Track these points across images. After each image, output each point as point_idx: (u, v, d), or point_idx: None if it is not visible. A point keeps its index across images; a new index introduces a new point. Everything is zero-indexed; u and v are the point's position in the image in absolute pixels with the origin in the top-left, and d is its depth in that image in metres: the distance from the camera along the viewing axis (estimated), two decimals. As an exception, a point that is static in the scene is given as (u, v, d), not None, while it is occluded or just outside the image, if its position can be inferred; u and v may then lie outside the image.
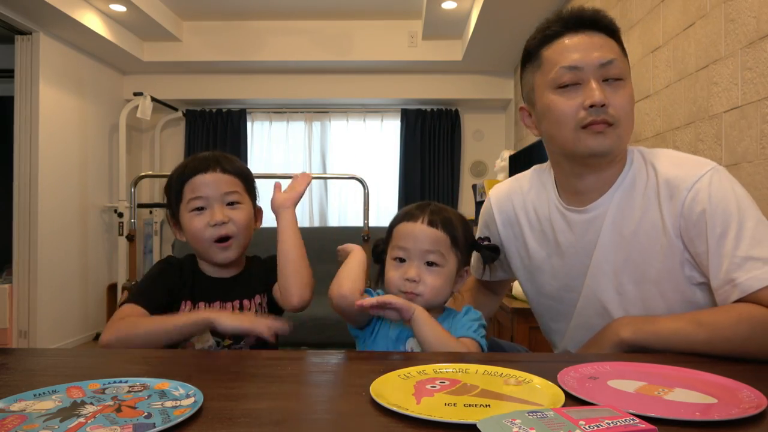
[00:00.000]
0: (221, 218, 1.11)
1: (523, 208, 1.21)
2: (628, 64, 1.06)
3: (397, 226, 1.09)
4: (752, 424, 0.61)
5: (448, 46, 5.00)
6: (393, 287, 1.05)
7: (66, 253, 4.50)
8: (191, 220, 1.12)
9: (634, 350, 0.96)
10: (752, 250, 0.93)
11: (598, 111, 0.99)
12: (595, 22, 1.04)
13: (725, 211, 0.96)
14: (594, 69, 1.00)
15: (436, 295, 1.04)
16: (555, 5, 3.62)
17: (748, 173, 1.70)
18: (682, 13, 2.09)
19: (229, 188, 1.14)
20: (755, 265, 0.92)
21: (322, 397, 0.72)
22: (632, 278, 1.05)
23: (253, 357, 0.95)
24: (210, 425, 0.61)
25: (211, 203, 1.12)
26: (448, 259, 1.05)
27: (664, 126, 2.24)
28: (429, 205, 1.09)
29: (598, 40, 1.02)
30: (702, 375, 0.77)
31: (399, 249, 1.06)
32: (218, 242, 1.12)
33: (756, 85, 1.67)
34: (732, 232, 0.94)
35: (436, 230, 1.05)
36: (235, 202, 1.15)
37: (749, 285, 0.91)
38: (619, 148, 1.04)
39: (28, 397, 0.68)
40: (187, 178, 1.14)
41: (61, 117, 4.43)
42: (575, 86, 1.02)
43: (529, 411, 0.56)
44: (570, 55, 1.02)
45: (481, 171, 5.70)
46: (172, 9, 4.76)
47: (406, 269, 1.04)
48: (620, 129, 1.02)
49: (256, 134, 5.77)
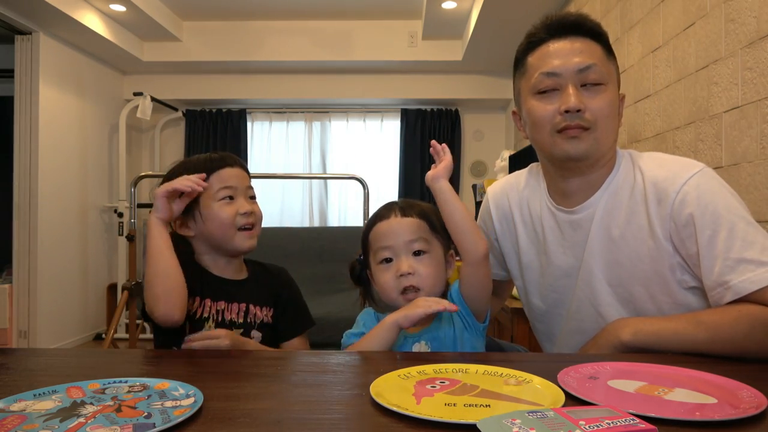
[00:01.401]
0: (250, 208, 1.17)
1: (518, 204, 1.22)
2: (612, 67, 1.06)
3: (371, 232, 1.08)
4: (752, 424, 0.61)
5: (448, 46, 5.00)
6: (389, 290, 1.04)
7: (66, 253, 4.50)
8: (221, 208, 1.15)
9: (633, 352, 0.96)
10: (744, 252, 0.93)
11: (573, 116, 1.01)
12: (578, 26, 1.05)
13: (714, 213, 0.96)
14: (572, 74, 1.02)
15: (433, 285, 1.03)
16: (555, 5, 3.62)
17: (748, 173, 1.70)
18: (682, 13, 2.09)
19: (249, 183, 1.21)
20: (748, 267, 0.92)
21: (322, 397, 0.72)
22: (621, 281, 1.05)
23: (253, 357, 0.95)
24: (210, 425, 0.61)
25: (238, 194, 1.17)
26: (433, 244, 1.05)
27: (664, 126, 2.24)
28: (396, 202, 1.11)
29: (580, 45, 1.03)
30: (702, 375, 0.77)
31: (382, 249, 1.05)
32: (244, 230, 1.16)
33: (756, 85, 1.67)
34: (723, 234, 0.95)
35: (412, 218, 1.05)
36: (254, 197, 1.22)
37: (743, 287, 0.92)
38: (597, 151, 1.04)
39: (28, 397, 0.68)
40: (215, 170, 1.17)
41: (61, 117, 4.43)
42: (554, 92, 1.04)
43: (529, 411, 0.56)
44: (550, 61, 1.04)
45: (481, 171, 5.70)
46: (172, 9, 4.76)
47: (396, 266, 1.03)
48: (597, 132, 1.02)
49: (256, 134, 5.77)
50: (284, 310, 1.21)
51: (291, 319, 1.22)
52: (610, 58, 1.06)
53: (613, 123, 1.05)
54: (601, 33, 1.06)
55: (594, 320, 1.08)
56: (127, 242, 3.83)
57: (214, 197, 1.16)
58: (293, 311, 1.23)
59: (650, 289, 1.03)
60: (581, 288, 1.10)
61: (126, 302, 3.41)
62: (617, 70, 1.08)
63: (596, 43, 1.05)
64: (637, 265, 1.03)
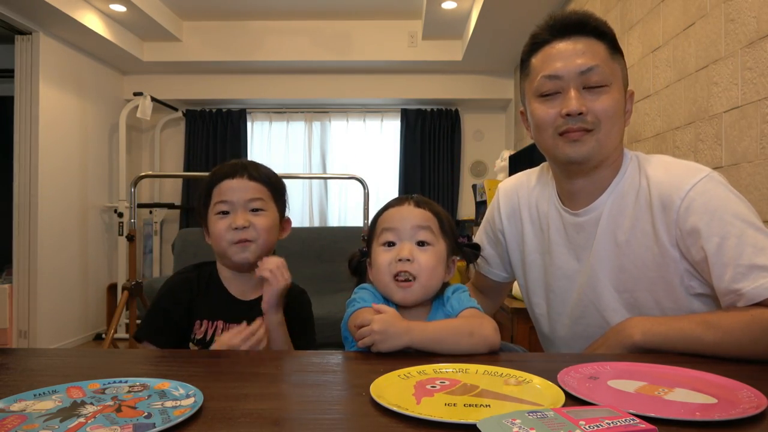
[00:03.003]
0: (242, 223, 1.13)
1: (527, 202, 1.22)
2: (617, 66, 1.05)
3: (381, 216, 1.07)
4: (752, 424, 0.61)
5: (448, 46, 5.00)
6: (383, 273, 1.01)
7: (66, 253, 4.50)
8: (216, 223, 1.15)
9: (643, 352, 0.95)
10: (756, 259, 0.91)
11: (575, 119, 1.01)
12: (582, 26, 1.03)
13: (722, 219, 0.95)
14: (574, 77, 1.01)
15: (430, 278, 1.01)
16: (555, 6, 3.62)
17: (748, 173, 1.70)
18: (682, 13, 2.09)
19: (253, 195, 1.16)
20: (761, 274, 0.91)
21: (322, 397, 0.72)
22: (627, 286, 1.05)
23: (253, 357, 0.95)
24: (210, 425, 0.61)
25: (235, 208, 1.15)
26: (439, 239, 1.04)
27: (664, 126, 2.24)
28: (412, 195, 1.10)
29: (582, 47, 1.02)
30: (702, 375, 0.77)
31: (387, 231, 1.03)
32: (237, 243, 1.14)
33: (756, 85, 1.67)
34: (732, 240, 0.93)
35: (424, 210, 1.04)
36: (258, 209, 1.17)
37: (757, 293, 0.90)
38: (600, 153, 1.04)
39: (28, 397, 0.68)
40: (215, 183, 1.17)
41: (61, 117, 4.43)
42: (557, 94, 1.03)
43: (529, 411, 0.56)
44: (552, 63, 1.03)
45: (481, 171, 5.70)
46: (172, 9, 4.75)
47: (397, 250, 1.01)
48: (600, 134, 1.02)
49: (256, 134, 5.77)
50: (289, 327, 1.18)
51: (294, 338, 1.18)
52: (615, 56, 1.05)
53: (617, 123, 1.04)
54: (606, 31, 1.05)
55: (599, 325, 1.08)
56: (127, 242, 3.82)
57: (212, 210, 1.17)
58: (298, 331, 1.20)
59: (656, 295, 1.02)
60: (586, 292, 1.10)
61: (126, 302, 3.41)
62: (623, 68, 1.07)
63: (600, 42, 1.03)
64: (643, 270, 1.03)
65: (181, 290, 1.17)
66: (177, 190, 5.71)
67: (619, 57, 1.06)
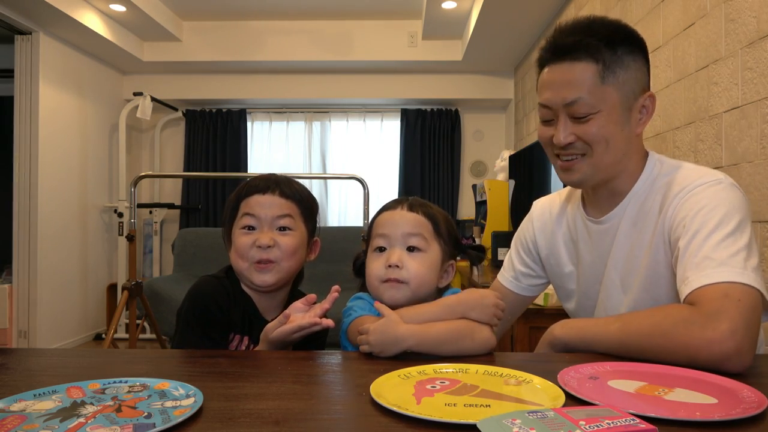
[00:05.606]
0: (266, 241, 1.08)
1: (558, 216, 1.24)
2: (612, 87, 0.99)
3: (376, 220, 1.08)
4: (752, 424, 0.61)
5: (448, 46, 5.00)
6: (374, 278, 1.02)
7: (66, 253, 4.50)
8: (239, 237, 1.10)
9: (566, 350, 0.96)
10: (714, 253, 0.89)
11: (566, 148, 1.04)
12: (576, 48, 1.00)
13: (709, 213, 0.93)
14: (561, 108, 1.02)
15: (420, 284, 1.01)
16: (555, 6, 3.62)
17: (748, 173, 1.70)
18: (682, 13, 2.09)
19: (281, 212, 1.11)
20: (709, 264, 0.88)
21: (322, 397, 0.72)
22: (640, 293, 1.05)
23: (253, 357, 0.95)
24: (210, 425, 0.61)
25: (261, 225, 1.10)
26: (431, 245, 1.04)
27: (664, 126, 2.24)
28: (407, 198, 1.10)
29: (569, 76, 1.00)
30: (702, 375, 0.77)
31: (379, 237, 1.04)
32: (258, 263, 1.09)
33: (756, 85, 1.67)
34: (705, 232, 0.92)
35: (417, 215, 1.04)
36: (286, 228, 1.11)
37: (697, 281, 0.88)
38: (595, 175, 1.05)
39: (28, 397, 0.68)
40: (244, 197, 1.13)
41: (61, 117, 4.43)
42: (552, 119, 1.06)
43: (529, 411, 0.56)
44: (543, 93, 1.05)
45: (481, 171, 5.70)
46: (172, 9, 4.75)
47: (387, 256, 1.02)
48: (594, 157, 1.02)
49: (256, 134, 5.77)
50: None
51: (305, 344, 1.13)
52: (606, 78, 0.99)
53: (614, 141, 1.01)
54: (601, 50, 0.99)
55: None
56: (127, 242, 3.82)
57: (237, 224, 1.12)
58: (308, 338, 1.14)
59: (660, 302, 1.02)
60: (601, 298, 1.13)
61: (126, 302, 3.41)
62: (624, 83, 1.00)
63: (594, 65, 0.98)
64: (657, 279, 1.03)
65: (220, 295, 1.09)
66: (177, 190, 5.71)
67: (613, 74, 0.99)
